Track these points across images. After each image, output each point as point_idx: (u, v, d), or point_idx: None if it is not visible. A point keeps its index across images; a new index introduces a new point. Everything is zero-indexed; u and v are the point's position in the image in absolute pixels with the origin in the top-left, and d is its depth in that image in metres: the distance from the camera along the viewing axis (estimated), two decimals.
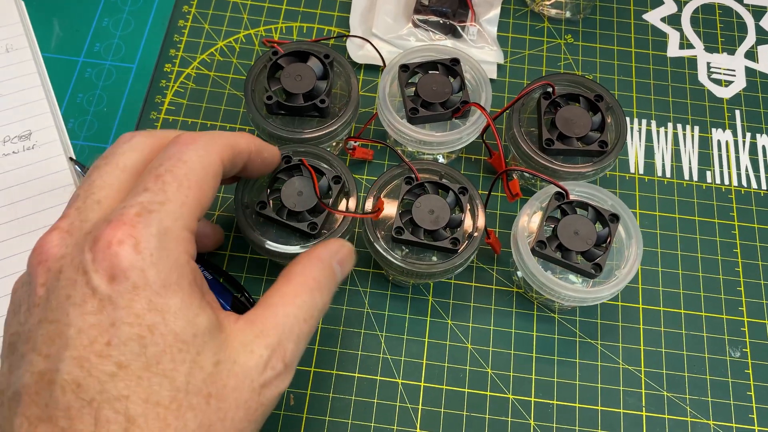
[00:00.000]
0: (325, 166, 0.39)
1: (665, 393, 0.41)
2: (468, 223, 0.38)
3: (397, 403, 0.40)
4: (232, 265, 0.43)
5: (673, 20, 0.53)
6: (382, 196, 0.39)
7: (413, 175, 0.38)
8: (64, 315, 0.25)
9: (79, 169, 0.44)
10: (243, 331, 0.29)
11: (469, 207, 0.38)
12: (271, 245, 0.37)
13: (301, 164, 0.38)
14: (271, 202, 0.38)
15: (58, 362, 0.25)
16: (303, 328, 0.30)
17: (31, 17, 0.50)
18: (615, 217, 0.39)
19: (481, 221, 0.38)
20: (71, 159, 0.44)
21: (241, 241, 0.44)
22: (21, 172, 0.44)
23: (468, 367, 0.41)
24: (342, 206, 0.39)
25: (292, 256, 0.37)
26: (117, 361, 0.25)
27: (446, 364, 0.41)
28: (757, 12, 0.54)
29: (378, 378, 0.40)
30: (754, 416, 0.40)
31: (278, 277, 0.32)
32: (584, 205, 0.39)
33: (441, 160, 0.46)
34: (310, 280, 0.32)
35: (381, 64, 0.48)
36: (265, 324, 0.30)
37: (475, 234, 0.38)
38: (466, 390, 0.40)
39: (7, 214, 0.43)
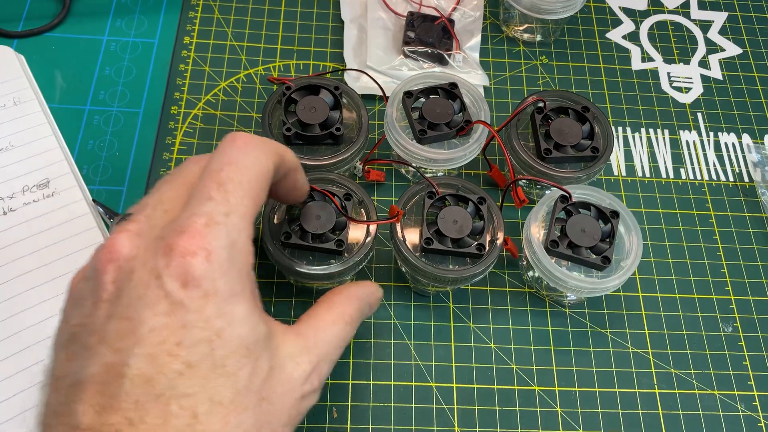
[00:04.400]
0: (334, 187, 0.42)
1: (672, 370, 0.45)
2: (488, 230, 0.42)
3: (434, 405, 0.42)
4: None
5: (633, 37, 0.59)
6: (405, 208, 0.42)
7: (434, 190, 0.42)
8: (136, 313, 0.26)
9: (101, 209, 0.45)
10: (291, 343, 0.31)
11: (487, 215, 0.42)
12: (305, 268, 0.39)
13: (313, 190, 0.41)
14: (292, 231, 0.40)
15: (128, 357, 0.26)
16: (335, 354, 0.34)
17: (33, 71, 0.51)
18: (615, 214, 0.43)
19: (500, 227, 0.42)
20: (94, 200, 0.46)
21: (268, 269, 0.46)
22: (43, 219, 0.45)
23: (494, 365, 0.44)
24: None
25: (323, 276, 0.40)
26: (186, 361, 0.26)
27: (474, 365, 0.44)
28: (704, 26, 0.60)
29: (413, 384, 0.43)
30: (752, 383, 0.45)
31: (319, 301, 0.35)
32: (586, 205, 0.43)
33: (441, 176, 0.50)
34: (347, 314, 0.35)
35: (377, 93, 0.51)
36: (310, 341, 0.32)
37: (498, 240, 0.41)
38: (495, 386, 0.43)
39: (34, 261, 0.44)
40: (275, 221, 0.41)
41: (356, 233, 0.41)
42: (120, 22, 0.55)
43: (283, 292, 0.45)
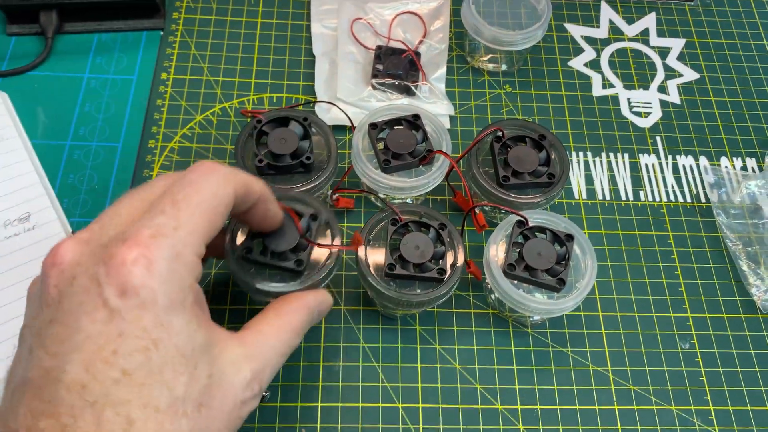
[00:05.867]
0: (301, 206, 0.43)
1: (631, 387, 0.46)
2: (449, 255, 0.44)
3: (400, 426, 0.44)
4: (232, 316, 0.47)
5: (594, 65, 0.61)
6: (370, 237, 0.44)
7: (397, 217, 0.44)
8: (75, 320, 0.27)
9: None
10: (233, 350, 0.32)
11: (448, 240, 0.44)
12: (263, 285, 0.40)
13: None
14: (254, 246, 0.41)
15: (65, 362, 0.27)
16: (279, 362, 0.35)
17: (16, 108, 0.53)
18: (570, 237, 0.45)
19: (460, 251, 0.43)
20: (74, 233, 0.47)
21: (242, 294, 0.47)
22: (24, 252, 0.47)
23: (459, 385, 0.46)
24: (326, 242, 0.42)
25: (280, 295, 0.40)
26: (122, 369, 0.27)
27: (439, 385, 0.45)
28: (663, 52, 0.62)
29: (380, 405, 0.44)
30: (708, 398, 0.46)
31: (269, 306, 0.36)
32: (542, 230, 0.45)
33: (409, 203, 0.52)
34: (296, 322, 0.36)
35: (347, 124, 0.53)
36: (253, 348, 0.33)
37: (458, 263, 0.43)
38: (460, 406, 0.45)
39: (15, 292, 0.45)
40: (239, 235, 0.42)
41: (319, 253, 0.42)
42: (100, 60, 0.57)
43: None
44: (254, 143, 0.46)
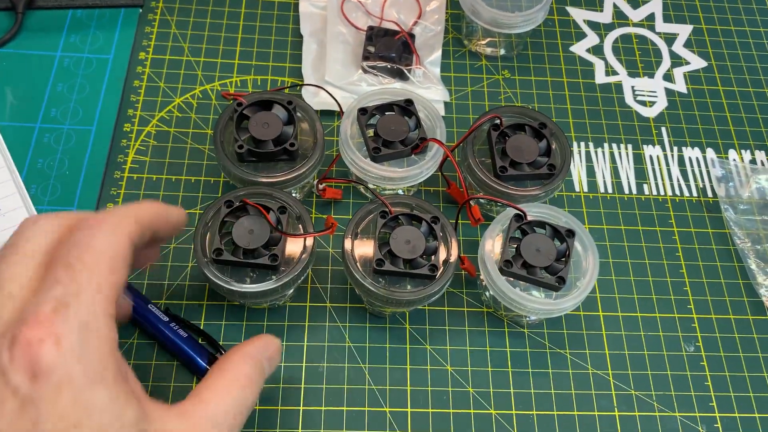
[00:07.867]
0: (270, 200, 0.41)
1: (633, 392, 0.44)
2: (442, 250, 0.41)
3: (387, 431, 0.41)
4: (209, 313, 0.44)
5: (597, 50, 0.58)
6: (358, 230, 0.41)
7: (387, 210, 0.41)
8: None
9: None
10: (172, 425, 0.29)
11: (441, 234, 0.41)
12: (238, 287, 0.38)
13: (245, 204, 0.40)
14: (224, 247, 0.39)
15: None
16: (236, 421, 0.31)
17: None
18: (571, 233, 0.42)
19: (454, 247, 0.41)
20: None
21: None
22: None
23: (450, 389, 0.43)
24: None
25: (258, 294, 0.38)
26: None
27: (429, 388, 0.43)
28: (669, 39, 0.59)
29: (366, 409, 0.42)
30: (714, 404, 0.44)
31: (211, 369, 0.33)
32: (542, 224, 0.42)
33: (400, 194, 0.49)
34: (241, 376, 0.33)
35: (336, 109, 0.50)
36: (195, 420, 0.30)
37: (451, 260, 0.40)
38: (451, 411, 0.42)
39: None
40: (207, 239, 0.40)
41: (294, 249, 0.40)
42: (74, 38, 0.54)
43: (233, 315, 0.44)
44: (234, 128, 0.43)
